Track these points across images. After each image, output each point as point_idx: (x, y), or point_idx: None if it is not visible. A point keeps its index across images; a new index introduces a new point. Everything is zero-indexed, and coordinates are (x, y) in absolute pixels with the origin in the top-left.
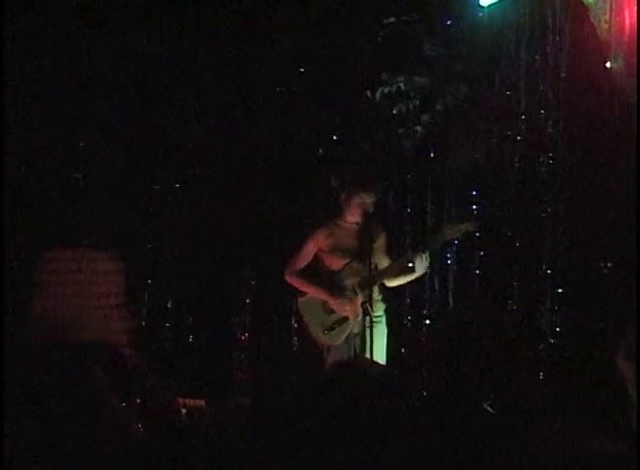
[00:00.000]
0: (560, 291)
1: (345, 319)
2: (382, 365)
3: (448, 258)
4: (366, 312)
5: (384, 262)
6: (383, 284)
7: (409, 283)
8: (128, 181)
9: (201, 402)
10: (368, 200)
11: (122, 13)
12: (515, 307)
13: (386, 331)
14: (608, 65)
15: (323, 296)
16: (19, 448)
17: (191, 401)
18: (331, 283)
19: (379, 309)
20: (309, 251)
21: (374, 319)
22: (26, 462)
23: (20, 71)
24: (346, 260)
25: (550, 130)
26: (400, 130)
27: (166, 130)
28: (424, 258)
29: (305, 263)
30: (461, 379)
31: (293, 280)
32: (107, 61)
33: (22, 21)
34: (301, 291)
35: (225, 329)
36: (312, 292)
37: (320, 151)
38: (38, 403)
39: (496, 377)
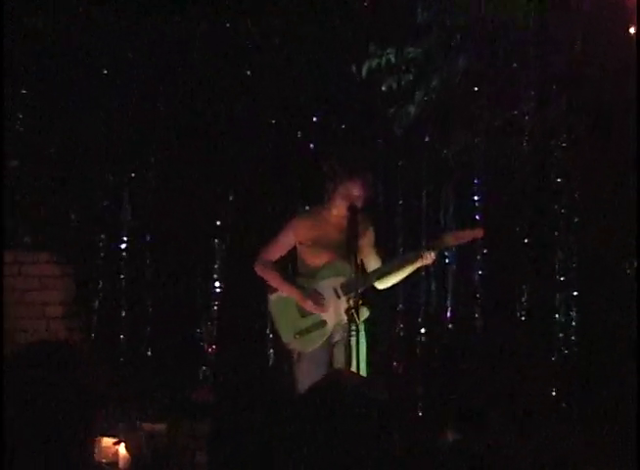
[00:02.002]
0: (575, 294)
1: (323, 324)
2: (369, 379)
3: (447, 257)
4: (351, 320)
5: (371, 262)
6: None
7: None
8: (77, 174)
9: (161, 426)
10: (355, 192)
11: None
12: (523, 313)
13: (365, 342)
14: (632, 31)
15: (293, 294)
16: None
17: (150, 425)
18: (310, 281)
19: (361, 316)
20: (287, 241)
21: (353, 328)
22: None
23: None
24: (329, 257)
25: (564, 108)
26: (390, 110)
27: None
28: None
29: (280, 255)
30: (460, 393)
31: (261, 270)
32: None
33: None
34: (271, 286)
35: (189, 341)
36: (281, 288)
37: (298, 134)
38: None
39: (502, 392)
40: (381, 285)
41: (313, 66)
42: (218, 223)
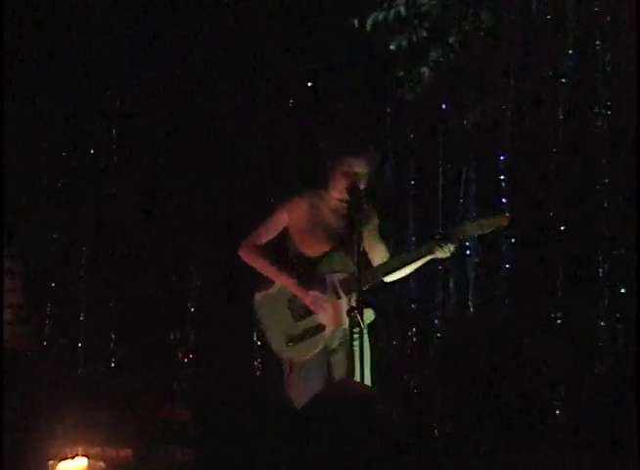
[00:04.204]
0: (622, 291)
1: (320, 328)
2: (375, 389)
3: (467, 248)
4: (355, 323)
5: (377, 254)
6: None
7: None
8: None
9: (127, 452)
10: (358, 169)
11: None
12: (559, 315)
13: (368, 347)
14: None
15: (290, 285)
16: None
17: (114, 452)
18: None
19: (366, 319)
20: (278, 222)
21: (356, 332)
22: None
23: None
24: (326, 247)
25: (607, 69)
26: (400, 73)
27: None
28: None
29: (269, 238)
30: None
31: (248, 256)
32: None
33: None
34: (262, 281)
35: (161, 349)
36: (275, 277)
37: (290, 102)
38: None
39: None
40: (388, 278)
41: (306, 18)
42: (199, 216)
